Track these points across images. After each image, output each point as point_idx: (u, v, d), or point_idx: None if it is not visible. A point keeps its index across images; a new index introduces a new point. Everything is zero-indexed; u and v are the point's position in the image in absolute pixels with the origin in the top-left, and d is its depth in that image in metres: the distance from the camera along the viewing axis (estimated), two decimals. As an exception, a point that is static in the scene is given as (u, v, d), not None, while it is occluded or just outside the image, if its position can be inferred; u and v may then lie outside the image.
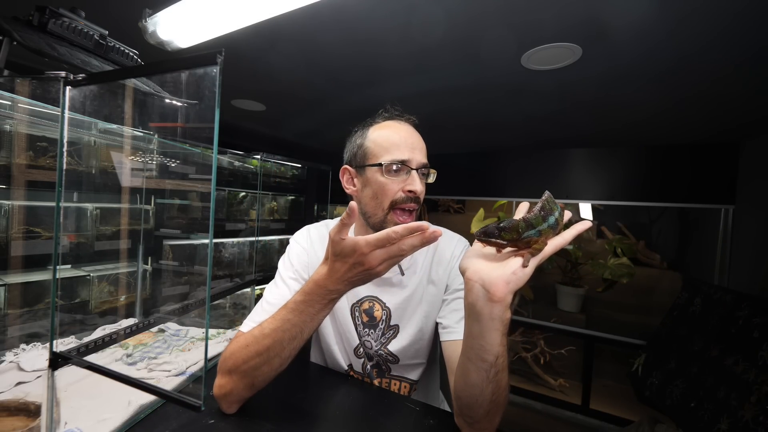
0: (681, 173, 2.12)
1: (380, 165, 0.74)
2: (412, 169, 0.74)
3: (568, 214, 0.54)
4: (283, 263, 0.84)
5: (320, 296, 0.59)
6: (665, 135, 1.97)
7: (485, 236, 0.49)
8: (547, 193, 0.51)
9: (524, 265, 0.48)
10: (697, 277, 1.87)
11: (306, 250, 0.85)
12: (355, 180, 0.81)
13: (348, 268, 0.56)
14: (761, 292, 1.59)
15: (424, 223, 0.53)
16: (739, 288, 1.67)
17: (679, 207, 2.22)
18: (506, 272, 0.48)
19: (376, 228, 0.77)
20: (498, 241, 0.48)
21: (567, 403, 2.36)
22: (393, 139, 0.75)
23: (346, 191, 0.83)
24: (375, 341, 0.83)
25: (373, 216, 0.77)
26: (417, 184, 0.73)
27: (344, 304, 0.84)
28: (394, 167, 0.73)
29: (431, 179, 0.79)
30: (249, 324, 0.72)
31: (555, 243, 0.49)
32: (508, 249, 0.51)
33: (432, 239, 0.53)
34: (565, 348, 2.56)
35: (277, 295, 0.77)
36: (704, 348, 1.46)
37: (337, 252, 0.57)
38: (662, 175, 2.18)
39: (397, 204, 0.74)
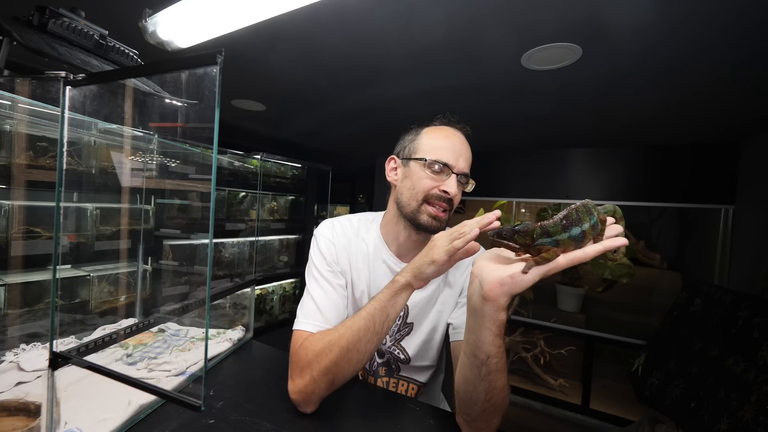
0: (681, 173, 2.12)
1: (425, 160, 0.77)
2: (453, 173, 0.76)
3: (614, 229, 0.49)
4: (316, 257, 0.83)
5: (389, 287, 0.67)
6: (665, 135, 1.97)
7: (498, 237, 0.47)
8: (584, 201, 0.47)
9: (524, 271, 0.46)
10: (697, 277, 1.86)
11: (333, 242, 0.85)
12: (398, 170, 0.84)
13: (424, 252, 0.66)
14: (761, 292, 1.59)
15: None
16: (739, 288, 1.67)
17: (679, 207, 2.22)
18: (504, 274, 0.48)
19: (409, 218, 0.79)
20: (510, 243, 0.47)
21: (567, 403, 2.36)
22: (442, 143, 0.78)
23: (387, 178, 0.86)
24: (390, 336, 0.84)
25: (407, 206, 0.79)
26: (452, 186, 0.76)
27: (365, 297, 0.85)
28: (437, 166, 0.76)
29: (469, 189, 0.82)
30: (310, 323, 0.73)
31: (571, 257, 0.46)
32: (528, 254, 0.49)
33: (488, 222, 0.59)
34: (565, 348, 2.55)
35: (321, 292, 0.79)
36: (704, 348, 1.46)
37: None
38: (662, 175, 2.18)
39: (430, 199, 0.77)
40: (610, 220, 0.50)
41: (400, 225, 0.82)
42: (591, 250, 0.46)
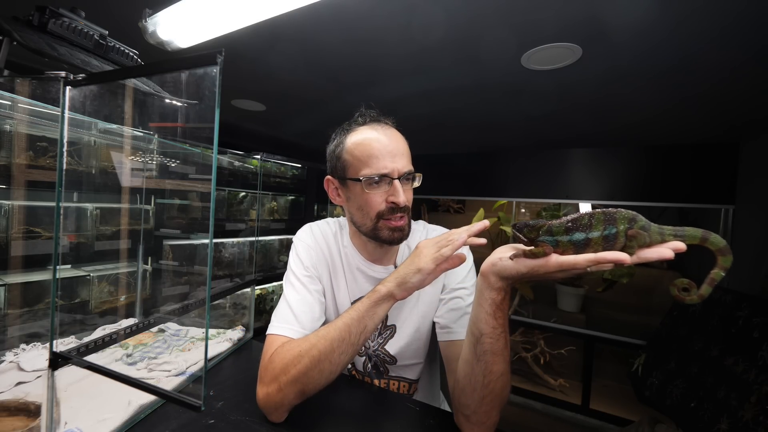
0: (681, 173, 2.12)
1: (360, 180, 0.72)
2: (394, 179, 0.72)
3: (656, 252, 0.42)
4: (294, 262, 0.82)
5: (368, 297, 0.65)
6: (665, 135, 1.97)
7: (514, 228, 0.50)
8: (612, 210, 0.44)
9: (510, 257, 0.50)
10: (697, 278, 1.86)
11: (312, 247, 0.84)
12: (339, 191, 0.80)
13: (409, 260, 0.65)
14: (761, 292, 1.59)
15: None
16: (739, 288, 1.67)
17: (679, 207, 2.22)
18: (497, 256, 0.53)
19: (369, 236, 0.77)
20: (519, 235, 0.49)
21: (567, 403, 2.36)
22: (371, 150, 0.71)
23: (334, 202, 0.83)
24: (372, 341, 0.84)
25: (363, 226, 0.76)
26: (400, 196, 0.71)
27: (347, 300, 0.84)
28: (376, 179, 0.71)
29: (417, 183, 0.77)
30: (284, 327, 0.71)
31: (561, 260, 0.45)
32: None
33: (477, 230, 0.61)
34: (565, 348, 2.56)
35: (297, 296, 0.77)
36: (704, 348, 1.46)
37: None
38: (662, 175, 2.18)
39: (384, 216, 0.73)
40: (675, 244, 0.43)
41: (364, 239, 0.80)
42: (582, 259, 0.44)
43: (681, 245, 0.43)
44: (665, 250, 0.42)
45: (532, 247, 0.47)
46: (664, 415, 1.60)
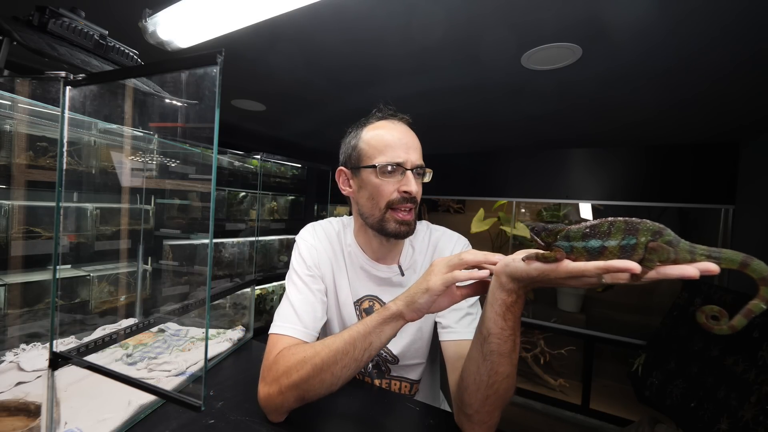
0: (681, 173, 2.12)
1: (374, 167, 0.73)
2: (407, 169, 0.73)
3: (679, 270, 0.38)
4: (297, 262, 0.82)
5: (378, 313, 0.62)
6: (665, 135, 1.97)
7: (532, 231, 0.48)
8: (636, 220, 0.41)
9: (522, 258, 0.48)
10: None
11: (315, 246, 0.84)
12: (350, 181, 0.81)
13: (420, 279, 0.61)
14: (761, 292, 1.59)
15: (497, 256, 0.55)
16: (739, 288, 1.67)
17: (679, 207, 2.22)
18: (510, 257, 0.51)
19: (375, 228, 0.77)
20: (537, 239, 0.47)
21: (567, 403, 2.36)
22: (387, 140, 0.74)
23: (343, 192, 0.83)
24: None
25: (371, 216, 0.77)
26: (412, 185, 0.73)
27: (349, 300, 0.84)
28: (389, 168, 0.73)
29: (427, 179, 0.79)
30: (286, 326, 0.71)
31: (570, 267, 0.43)
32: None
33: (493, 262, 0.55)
34: (565, 348, 2.56)
35: (299, 296, 0.77)
36: (704, 348, 1.46)
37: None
38: (662, 175, 2.18)
39: (394, 204, 0.74)
40: (705, 265, 0.38)
41: (370, 233, 0.80)
42: (592, 266, 0.42)
43: (712, 267, 0.38)
44: (689, 269, 0.38)
45: (544, 253, 0.45)
46: (664, 415, 1.60)
